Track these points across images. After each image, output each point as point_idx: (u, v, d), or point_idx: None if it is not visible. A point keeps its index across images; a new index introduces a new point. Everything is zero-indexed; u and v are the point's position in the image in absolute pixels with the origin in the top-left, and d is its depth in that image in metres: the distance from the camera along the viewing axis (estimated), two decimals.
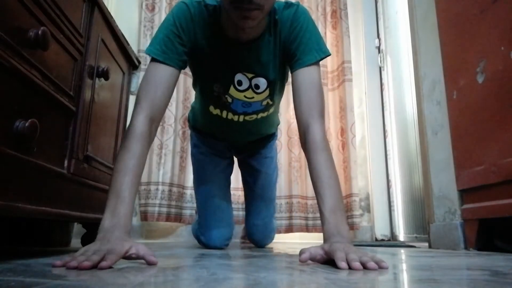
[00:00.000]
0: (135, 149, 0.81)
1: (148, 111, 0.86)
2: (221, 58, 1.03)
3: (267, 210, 1.51)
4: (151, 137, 0.88)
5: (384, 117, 2.49)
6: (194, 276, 0.52)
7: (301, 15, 0.99)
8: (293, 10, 0.99)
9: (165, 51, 0.93)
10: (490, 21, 1.13)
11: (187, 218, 2.18)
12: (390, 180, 2.39)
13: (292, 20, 0.99)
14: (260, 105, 1.16)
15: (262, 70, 1.06)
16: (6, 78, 0.66)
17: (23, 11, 0.71)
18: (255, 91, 1.10)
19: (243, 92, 1.11)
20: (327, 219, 0.79)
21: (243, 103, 1.14)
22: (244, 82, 1.09)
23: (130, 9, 2.39)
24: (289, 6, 1.00)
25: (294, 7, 1.00)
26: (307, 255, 0.70)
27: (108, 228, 0.70)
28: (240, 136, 1.35)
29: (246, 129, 1.27)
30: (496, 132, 1.09)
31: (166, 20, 0.97)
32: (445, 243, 1.32)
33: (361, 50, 2.61)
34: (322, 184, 0.83)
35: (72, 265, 0.58)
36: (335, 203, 0.80)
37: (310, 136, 0.89)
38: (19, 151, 0.69)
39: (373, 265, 0.61)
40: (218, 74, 1.08)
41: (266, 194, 1.51)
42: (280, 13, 1.00)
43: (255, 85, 1.09)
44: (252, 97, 1.12)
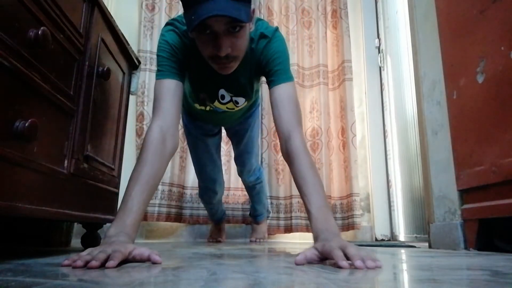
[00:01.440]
0: (147, 159, 0.88)
1: (160, 121, 0.95)
2: (206, 77, 1.15)
3: (249, 161, 1.80)
4: (166, 147, 0.94)
5: (384, 117, 2.49)
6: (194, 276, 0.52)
7: (273, 44, 1.08)
8: (266, 41, 1.08)
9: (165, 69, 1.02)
10: (490, 21, 1.13)
11: (187, 218, 2.19)
12: (390, 180, 2.39)
13: (266, 49, 1.08)
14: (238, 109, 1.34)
15: (241, 91, 1.22)
16: (6, 78, 0.66)
17: (23, 11, 0.71)
18: (235, 105, 1.28)
19: (226, 104, 1.27)
20: (315, 216, 0.82)
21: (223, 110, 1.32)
22: (226, 97, 1.24)
23: (130, 9, 2.39)
24: (264, 35, 1.09)
25: (267, 38, 1.08)
26: (302, 258, 0.71)
27: (113, 235, 0.74)
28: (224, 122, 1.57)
29: (229, 116, 1.43)
30: (496, 132, 1.09)
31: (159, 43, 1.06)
32: (445, 243, 1.32)
33: (361, 50, 2.61)
34: (307, 185, 0.88)
35: (79, 264, 0.61)
36: (321, 201, 0.85)
37: (292, 143, 0.96)
38: (19, 151, 0.69)
39: (371, 263, 0.62)
40: (205, 87, 1.22)
41: (249, 149, 1.76)
42: (256, 44, 1.09)
43: (235, 101, 1.26)
44: (232, 109, 1.30)
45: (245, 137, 1.70)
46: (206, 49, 0.95)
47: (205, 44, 0.94)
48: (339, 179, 2.31)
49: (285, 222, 2.22)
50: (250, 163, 1.82)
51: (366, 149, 2.48)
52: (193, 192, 2.22)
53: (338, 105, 2.39)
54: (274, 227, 2.21)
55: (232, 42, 0.92)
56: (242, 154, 1.78)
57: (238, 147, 1.77)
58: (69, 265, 0.62)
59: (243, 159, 1.79)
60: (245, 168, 1.83)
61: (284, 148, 0.98)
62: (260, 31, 1.09)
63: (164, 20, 2.36)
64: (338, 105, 2.39)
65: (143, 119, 2.22)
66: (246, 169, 1.83)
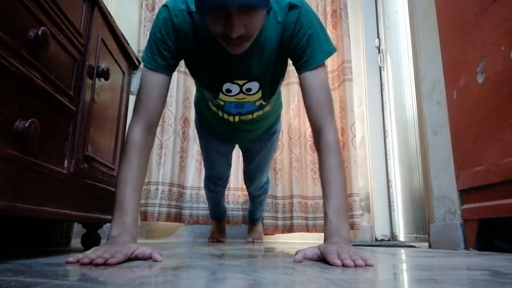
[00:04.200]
0: (133, 159, 0.88)
1: (143, 120, 0.92)
2: (209, 66, 1.00)
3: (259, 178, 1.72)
4: (148, 145, 0.93)
5: (384, 117, 2.49)
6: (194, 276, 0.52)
7: (304, 16, 0.93)
8: (297, 13, 0.93)
9: (153, 58, 0.94)
10: (490, 21, 1.13)
11: (187, 218, 2.19)
12: (390, 180, 2.39)
13: (296, 23, 0.93)
14: (253, 106, 1.14)
15: (255, 76, 1.02)
16: (6, 78, 0.66)
17: (23, 11, 0.71)
18: (246, 94, 1.08)
19: (234, 96, 1.09)
20: (330, 220, 0.83)
21: (235, 104, 1.13)
22: (233, 90, 1.06)
23: (130, 9, 2.39)
24: (292, 7, 0.93)
25: (298, 9, 0.93)
26: (301, 256, 0.74)
27: (115, 235, 0.77)
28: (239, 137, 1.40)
29: (245, 129, 1.28)
30: (496, 132, 1.09)
31: (152, 26, 0.97)
32: (445, 243, 1.32)
33: (361, 50, 2.61)
34: (329, 186, 0.87)
35: (85, 261, 0.64)
36: (339, 205, 0.84)
37: (323, 138, 0.92)
38: (19, 151, 0.69)
39: (360, 262, 0.66)
40: (206, 82, 1.07)
41: (261, 168, 1.66)
42: (284, 16, 0.93)
43: (247, 89, 1.06)
44: (243, 98, 1.10)
45: (259, 157, 1.57)
46: (215, 26, 0.83)
47: (214, 21, 0.82)
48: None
49: (283, 222, 2.22)
50: (259, 180, 1.73)
51: (366, 149, 2.48)
52: (193, 192, 2.22)
53: (338, 105, 2.39)
54: (272, 227, 2.21)
55: (246, 21, 0.80)
56: (252, 172, 1.67)
57: (249, 165, 1.65)
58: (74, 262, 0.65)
59: (253, 177, 1.70)
60: (253, 184, 1.75)
61: (315, 140, 0.95)
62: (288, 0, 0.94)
63: None
64: (338, 105, 2.39)
65: None
66: (254, 184, 1.75)
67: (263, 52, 0.96)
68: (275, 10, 0.94)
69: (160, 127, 2.23)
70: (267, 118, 1.29)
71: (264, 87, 1.06)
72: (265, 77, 1.03)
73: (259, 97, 1.10)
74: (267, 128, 1.42)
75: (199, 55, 0.98)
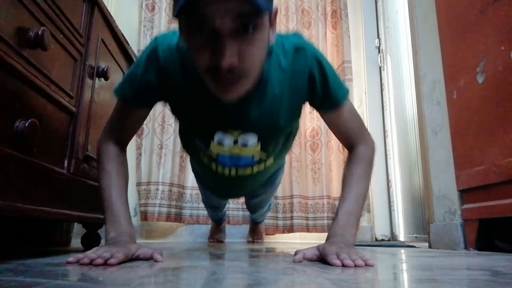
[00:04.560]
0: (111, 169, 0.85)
1: (115, 142, 0.88)
2: (197, 111, 0.84)
3: (261, 209, 1.68)
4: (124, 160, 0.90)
5: (384, 117, 2.49)
6: (194, 276, 0.52)
7: (314, 61, 0.81)
8: (305, 58, 0.80)
9: (130, 90, 0.83)
10: (490, 21, 1.13)
11: (187, 218, 2.18)
12: (390, 180, 2.39)
13: (307, 71, 0.81)
14: (251, 159, 0.95)
15: (253, 126, 0.85)
16: (6, 78, 0.66)
17: (23, 11, 0.71)
18: (242, 147, 0.90)
19: (228, 149, 0.91)
20: (338, 220, 0.82)
21: (230, 157, 0.94)
22: (226, 142, 0.88)
23: (130, 9, 2.39)
24: (298, 49, 0.80)
25: (305, 53, 0.80)
26: (301, 256, 0.74)
27: (114, 237, 0.76)
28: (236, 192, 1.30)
29: (243, 186, 1.10)
30: (496, 132, 1.09)
31: (137, 59, 0.85)
32: (445, 243, 1.32)
33: (361, 50, 2.61)
34: (349, 190, 0.86)
35: (85, 261, 0.64)
36: (352, 209, 0.83)
37: (354, 151, 0.92)
38: (19, 151, 0.69)
39: (360, 262, 0.65)
40: (194, 129, 0.91)
41: (263, 204, 1.60)
42: (289, 61, 0.80)
43: (243, 142, 0.89)
44: (238, 153, 0.92)
45: (261, 197, 1.46)
46: (201, 57, 0.65)
47: (200, 50, 0.64)
48: (339, 179, 2.30)
49: (283, 222, 2.22)
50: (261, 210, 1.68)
51: None
52: (193, 192, 2.22)
53: None
54: (273, 227, 2.21)
55: (241, 48, 0.63)
56: (255, 205, 1.59)
57: (251, 200, 1.54)
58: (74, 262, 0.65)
59: (255, 209, 1.64)
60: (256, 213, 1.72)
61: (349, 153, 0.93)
62: (292, 41, 0.80)
63: (164, 20, 2.36)
64: None
65: None
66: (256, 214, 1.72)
67: (263, 99, 0.80)
68: (277, 53, 0.80)
69: (160, 127, 2.23)
70: (269, 171, 1.12)
71: (264, 139, 0.90)
72: (265, 129, 0.86)
73: (258, 150, 0.92)
74: (268, 178, 1.24)
75: (186, 98, 0.82)
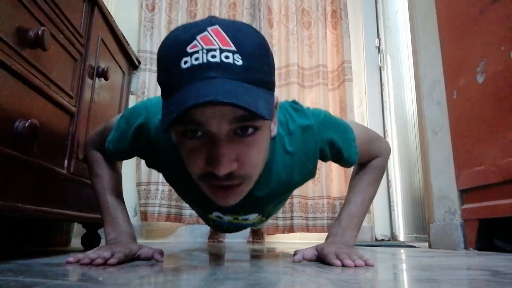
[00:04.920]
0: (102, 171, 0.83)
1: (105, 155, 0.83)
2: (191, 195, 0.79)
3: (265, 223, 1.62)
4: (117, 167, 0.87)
5: (384, 117, 2.49)
6: (194, 276, 0.52)
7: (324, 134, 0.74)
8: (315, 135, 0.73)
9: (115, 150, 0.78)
10: (490, 21, 1.13)
11: (187, 218, 2.18)
12: (390, 180, 2.39)
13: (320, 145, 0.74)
14: (250, 224, 0.97)
15: (253, 209, 0.83)
16: (7, 78, 0.66)
17: (23, 11, 0.71)
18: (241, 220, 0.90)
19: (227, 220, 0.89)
20: (340, 220, 0.82)
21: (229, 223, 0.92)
22: (226, 218, 0.87)
23: (130, 9, 2.39)
24: (305, 129, 0.72)
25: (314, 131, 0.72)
26: (300, 256, 0.74)
27: (115, 237, 0.76)
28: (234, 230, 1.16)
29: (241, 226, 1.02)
30: (496, 132, 1.09)
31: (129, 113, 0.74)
32: (445, 243, 1.32)
33: (361, 50, 2.61)
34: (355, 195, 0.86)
35: (86, 261, 0.64)
36: (356, 211, 0.83)
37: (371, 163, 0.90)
38: (19, 151, 0.69)
39: (360, 262, 0.65)
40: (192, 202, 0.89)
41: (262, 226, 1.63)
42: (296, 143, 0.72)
43: (243, 219, 0.88)
44: (238, 223, 0.91)
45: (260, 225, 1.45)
46: (195, 162, 0.56)
47: (194, 154, 0.55)
48: (339, 179, 2.31)
49: (283, 222, 2.22)
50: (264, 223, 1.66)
51: None
52: None
53: (337, 106, 2.39)
54: (273, 227, 2.21)
55: (240, 152, 0.55)
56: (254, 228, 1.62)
57: None
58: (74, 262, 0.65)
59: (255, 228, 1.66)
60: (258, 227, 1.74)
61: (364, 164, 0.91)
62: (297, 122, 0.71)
63: (164, 20, 2.36)
64: (337, 105, 2.39)
65: None
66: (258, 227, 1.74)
67: (268, 185, 0.73)
68: (281, 135, 0.71)
69: None
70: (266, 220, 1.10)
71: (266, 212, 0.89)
72: (266, 207, 0.84)
73: (258, 219, 0.92)
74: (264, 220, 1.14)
75: (180, 178, 0.74)
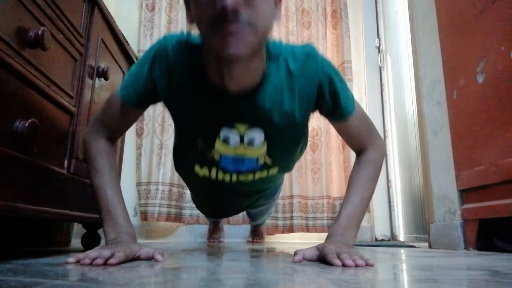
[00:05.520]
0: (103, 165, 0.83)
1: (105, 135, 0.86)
2: (203, 109, 0.83)
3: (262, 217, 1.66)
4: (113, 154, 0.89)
5: (384, 117, 2.49)
6: (194, 276, 0.52)
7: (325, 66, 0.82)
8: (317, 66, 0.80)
9: (130, 91, 0.82)
10: (490, 21, 1.13)
11: (187, 218, 2.18)
12: (390, 180, 2.39)
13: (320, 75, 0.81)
14: (255, 164, 0.91)
15: (260, 120, 0.83)
16: (6, 78, 0.66)
17: (23, 11, 0.71)
18: (247, 147, 0.87)
19: (232, 148, 0.88)
20: (339, 220, 0.82)
21: (234, 159, 0.90)
22: (232, 139, 0.86)
23: (130, 9, 2.39)
24: (308, 57, 0.81)
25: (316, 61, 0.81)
26: (300, 256, 0.74)
27: (115, 237, 0.76)
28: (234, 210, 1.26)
29: (242, 190, 1.03)
30: (496, 132, 1.09)
31: (143, 55, 0.82)
32: (445, 243, 1.32)
33: (361, 50, 2.61)
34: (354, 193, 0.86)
35: (86, 262, 0.64)
36: (355, 211, 0.84)
37: (363, 155, 0.92)
38: (19, 151, 0.69)
39: (361, 262, 0.65)
40: (200, 128, 0.87)
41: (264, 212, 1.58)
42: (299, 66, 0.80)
43: (249, 140, 0.86)
44: (244, 153, 0.89)
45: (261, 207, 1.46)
46: (206, 10, 0.64)
47: (205, 5, 0.64)
48: (339, 179, 2.31)
49: (283, 222, 2.22)
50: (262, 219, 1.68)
51: None
52: None
53: None
54: (273, 227, 2.21)
55: None
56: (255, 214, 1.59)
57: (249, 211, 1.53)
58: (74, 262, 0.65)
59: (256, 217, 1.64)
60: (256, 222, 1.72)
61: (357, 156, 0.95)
62: (303, 48, 0.82)
63: (164, 20, 2.36)
64: None
65: (143, 119, 2.22)
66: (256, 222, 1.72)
67: (270, 93, 0.80)
68: (285, 57, 0.80)
69: (160, 127, 2.22)
70: (270, 183, 1.07)
71: (271, 139, 0.87)
72: (270, 124, 0.84)
73: (263, 152, 0.89)
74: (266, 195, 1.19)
75: (192, 94, 0.81)
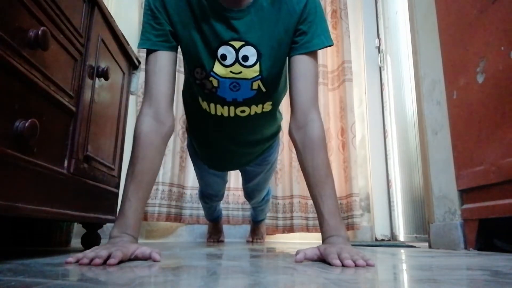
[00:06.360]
0: (138, 153, 0.84)
1: (149, 108, 0.88)
2: (203, 29, 0.92)
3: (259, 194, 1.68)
4: (159, 131, 0.88)
5: (384, 117, 2.49)
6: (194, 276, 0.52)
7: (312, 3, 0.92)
8: None
9: (149, 38, 0.90)
10: (490, 21, 1.13)
11: (187, 218, 2.19)
12: (390, 180, 2.39)
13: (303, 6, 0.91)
14: (249, 89, 0.99)
15: (253, 38, 0.92)
16: (6, 78, 0.66)
17: (23, 11, 0.71)
18: (242, 64, 0.94)
19: (229, 67, 0.95)
20: (327, 221, 0.83)
21: (230, 84, 0.97)
22: (229, 56, 0.93)
23: (130, 9, 2.39)
24: None
25: None
26: (302, 256, 0.75)
27: (116, 236, 0.77)
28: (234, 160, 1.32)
29: (241, 131, 1.14)
30: (496, 132, 1.09)
31: (144, 6, 0.94)
32: (445, 243, 1.32)
33: (361, 50, 2.61)
34: (322, 185, 0.85)
35: (84, 262, 0.65)
36: (334, 204, 0.84)
37: (308, 132, 0.88)
38: (19, 151, 0.69)
39: (361, 262, 0.66)
40: (200, 51, 0.94)
41: (261, 187, 1.61)
42: None
43: (243, 56, 0.94)
44: (239, 72, 0.95)
45: (258, 178, 1.51)
46: None
47: None
48: (339, 179, 2.31)
49: (283, 222, 2.22)
50: (259, 196, 1.70)
51: (366, 149, 2.48)
52: (193, 192, 2.22)
53: (337, 106, 2.39)
54: (273, 227, 2.21)
55: None
56: (252, 191, 1.63)
57: (247, 184, 1.58)
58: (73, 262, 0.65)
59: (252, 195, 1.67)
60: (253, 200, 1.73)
61: (296, 135, 0.91)
62: None
63: None
64: (337, 105, 2.39)
65: None
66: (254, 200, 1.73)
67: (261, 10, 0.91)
68: None
69: None
70: (265, 118, 1.14)
71: (262, 57, 0.94)
72: (261, 43, 0.93)
73: (257, 73, 0.96)
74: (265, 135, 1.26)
75: (192, 22, 0.92)
